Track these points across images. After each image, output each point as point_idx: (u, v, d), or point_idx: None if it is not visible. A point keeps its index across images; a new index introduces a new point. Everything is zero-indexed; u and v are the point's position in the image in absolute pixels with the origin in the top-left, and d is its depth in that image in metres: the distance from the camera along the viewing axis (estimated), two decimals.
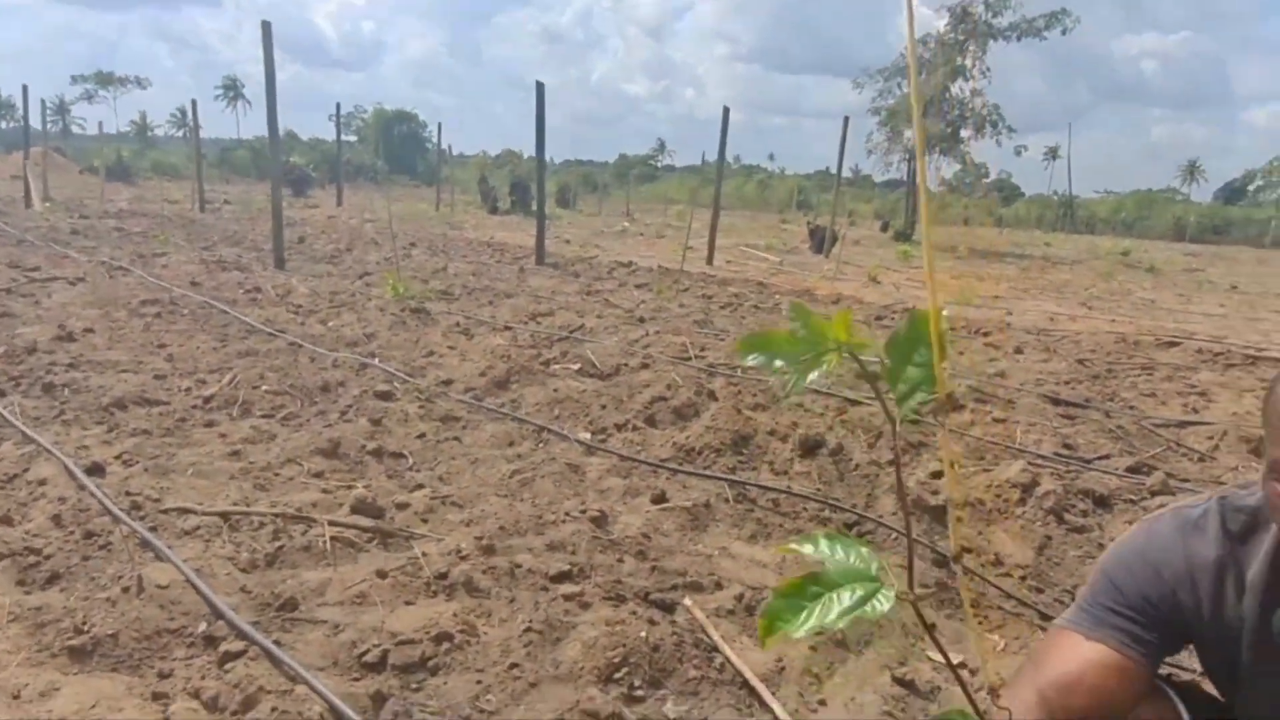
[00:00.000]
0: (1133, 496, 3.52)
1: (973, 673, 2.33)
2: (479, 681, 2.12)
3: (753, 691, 2.15)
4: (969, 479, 3.55)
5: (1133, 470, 3.79)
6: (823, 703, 2.14)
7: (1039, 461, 3.78)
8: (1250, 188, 72.12)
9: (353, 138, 71.31)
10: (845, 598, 0.69)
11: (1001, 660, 2.40)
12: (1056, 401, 4.94)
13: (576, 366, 5.50)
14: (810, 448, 3.84)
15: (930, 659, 2.38)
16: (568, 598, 2.49)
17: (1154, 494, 3.47)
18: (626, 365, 5.50)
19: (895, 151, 20.46)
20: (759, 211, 29.48)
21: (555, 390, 4.85)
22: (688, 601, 2.52)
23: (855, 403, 4.57)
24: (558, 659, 2.20)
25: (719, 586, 2.68)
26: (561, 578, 2.61)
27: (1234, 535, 1.12)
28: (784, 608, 0.70)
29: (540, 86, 11.32)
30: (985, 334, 7.06)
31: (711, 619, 2.45)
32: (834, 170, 14.89)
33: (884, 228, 22.00)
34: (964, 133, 20.30)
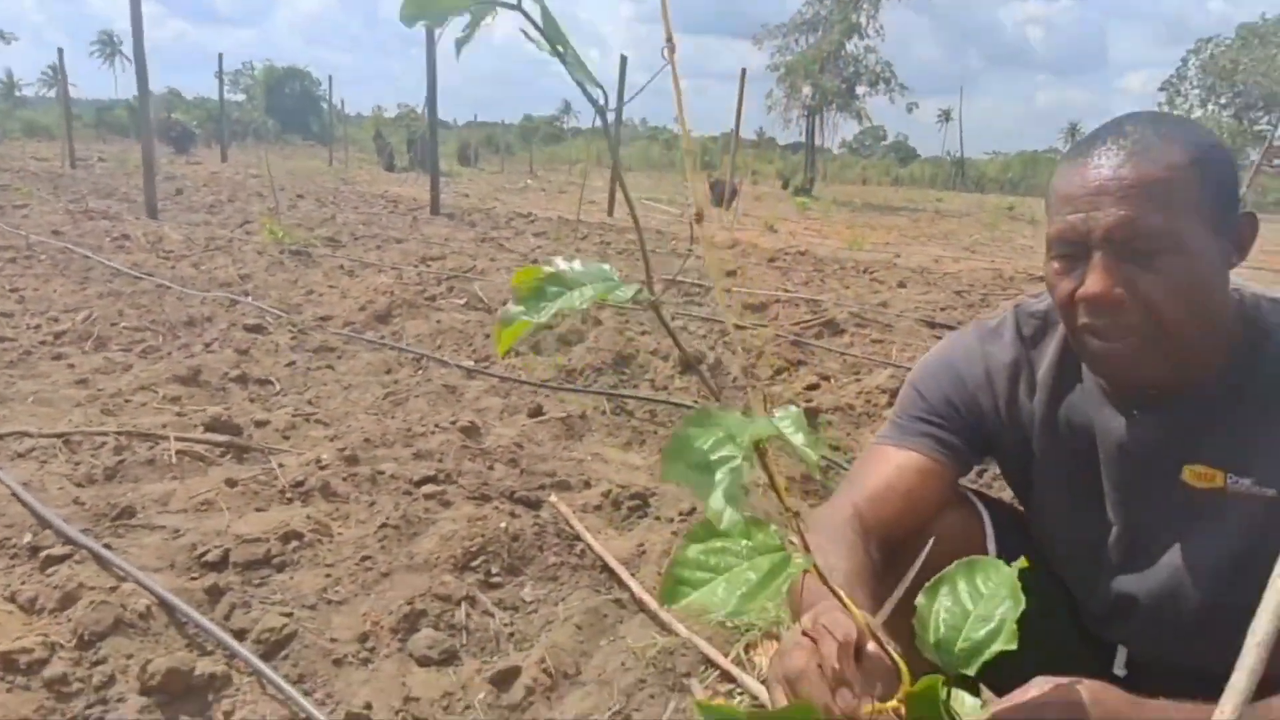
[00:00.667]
0: None
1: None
2: (328, 575, 2.04)
3: (612, 574, 2.14)
4: (842, 388, 3.63)
5: None
6: None
7: (907, 372, 3.89)
8: None
9: (241, 96, 67.74)
10: (588, 291, 0.65)
11: None
12: (932, 324, 5.11)
13: (463, 301, 5.37)
14: (689, 364, 3.84)
15: (793, 542, 2.42)
16: (429, 497, 2.43)
17: None
18: None
19: (794, 108, 20.73)
20: (665, 172, 29.47)
21: (438, 322, 4.73)
22: (554, 498, 2.49)
23: (739, 327, 4.61)
24: (413, 551, 2.14)
25: (587, 485, 2.66)
26: (425, 482, 2.54)
27: (1027, 339, 1.15)
28: (523, 309, 0.65)
29: (430, 33, 10.93)
30: (872, 272, 7.24)
31: (578, 514, 2.43)
32: (741, 132, 14.99)
33: (785, 185, 22.34)
34: (859, 89, 20.67)
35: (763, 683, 1.71)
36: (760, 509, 2.46)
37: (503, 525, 2.23)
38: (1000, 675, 0.71)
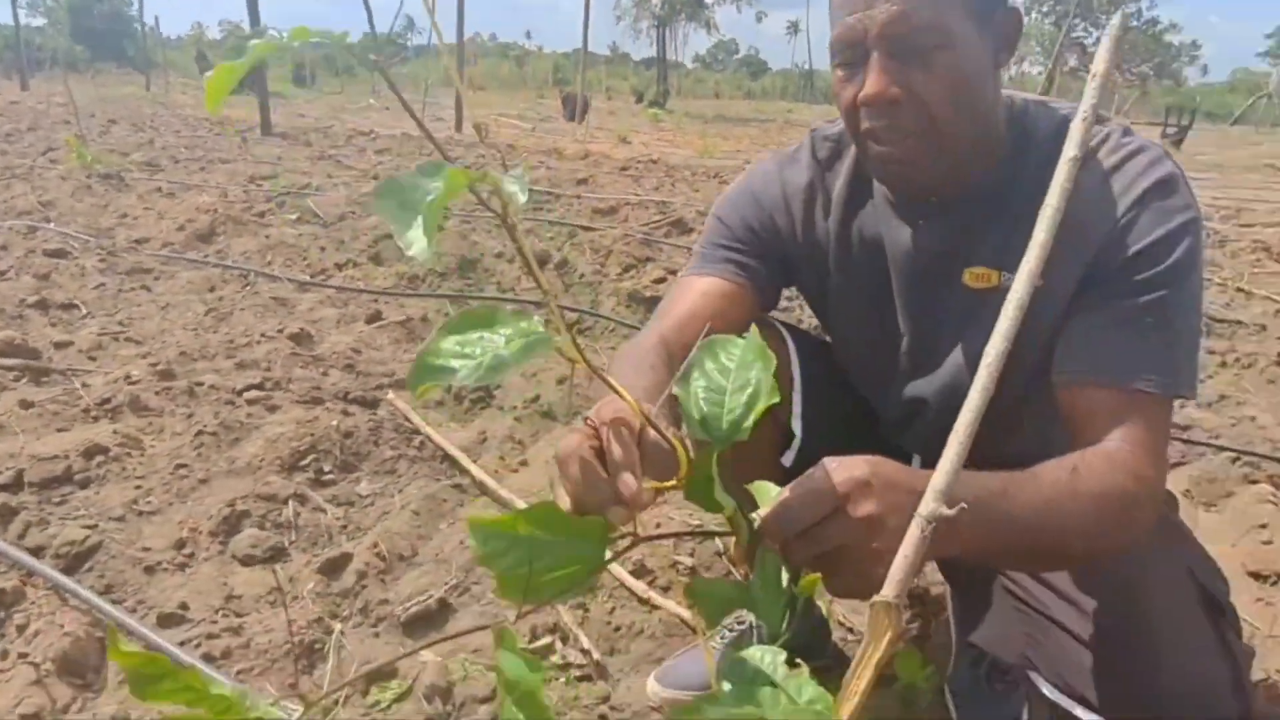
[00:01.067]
0: None
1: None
2: (138, 487, 1.90)
3: (454, 463, 2.09)
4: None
5: None
6: (524, 463, 2.13)
7: None
8: None
9: (41, 20, 60.17)
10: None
11: None
12: None
13: (295, 216, 5.04)
14: (537, 264, 3.77)
15: None
16: (252, 403, 2.29)
17: None
18: (353, 214, 5.11)
19: (644, 18, 20.36)
20: (517, 90, 28.49)
21: (268, 238, 4.42)
22: (390, 395, 2.40)
23: (586, 229, 4.55)
24: (234, 457, 2.02)
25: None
26: (249, 389, 2.39)
27: (822, 161, 1.15)
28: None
29: None
30: (721, 176, 7.30)
31: (418, 411, 2.35)
32: (593, 48, 14.59)
33: (639, 99, 22.10)
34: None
35: None
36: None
37: (334, 424, 2.13)
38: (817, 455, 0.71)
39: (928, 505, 0.57)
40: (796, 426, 1.19)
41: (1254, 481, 2.12)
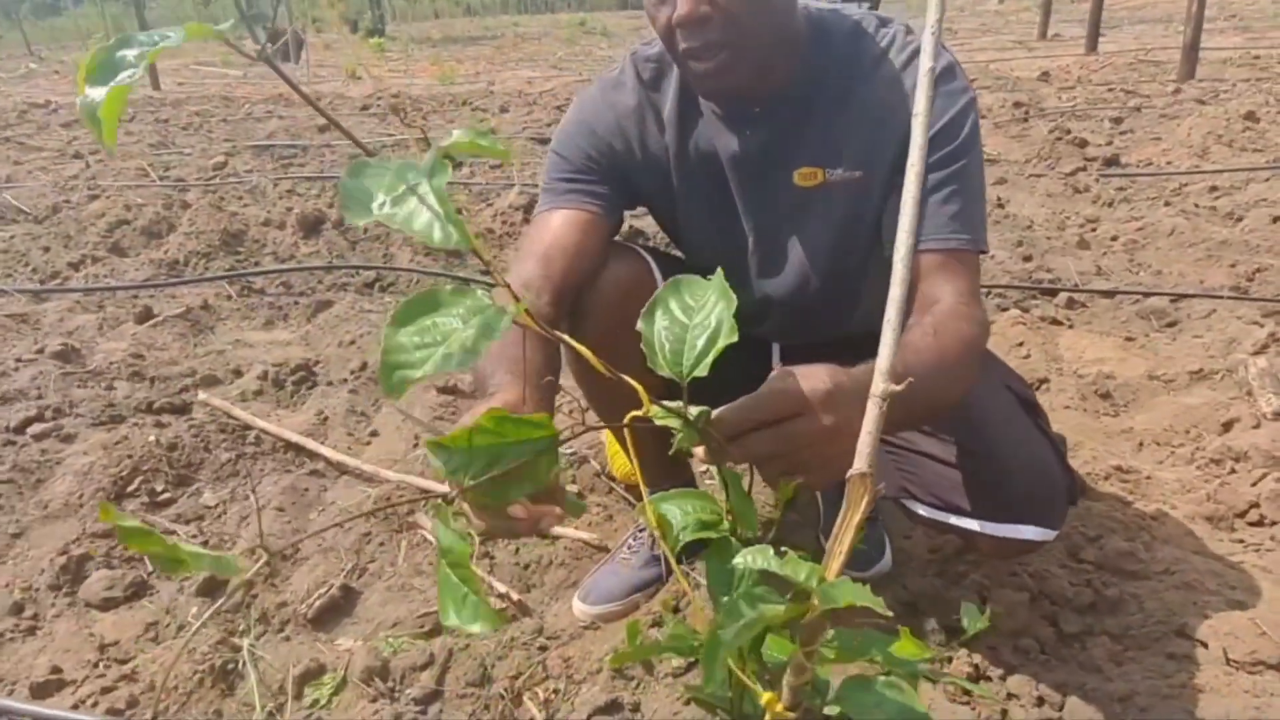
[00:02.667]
0: None
1: None
2: None
3: (300, 450, 2.01)
4: (476, 216, 3.60)
5: None
6: (375, 434, 2.08)
7: (534, 187, 3.96)
8: None
9: None
10: (159, 40, 0.55)
11: None
12: (543, 141, 5.19)
13: None
14: (312, 226, 3.55)
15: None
16: (40, 438, 2.04)
17: None
18: (68, 202, 4.48)
19: None
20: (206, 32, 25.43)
21: None
22: (202, 396, 2.23)
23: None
24: (44, 500, 1.81)
25: (239, 374, 2.41)
26: (28, 423, 2.12)
27: (647, 82, 1.22)
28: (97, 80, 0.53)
29: None
30: (471, 104, 7.09)
31: (237, 404, 2.20)
32: None
33: (354, 29, 20.54)
34: None
35: None
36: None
37: (151, 439, 1.96)
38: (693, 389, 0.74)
39: (878, 385, 0.68)
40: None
41: (1004, 309, 2.51)
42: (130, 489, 1.85)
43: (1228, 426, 1.80)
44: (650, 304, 0.75)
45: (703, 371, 0.73)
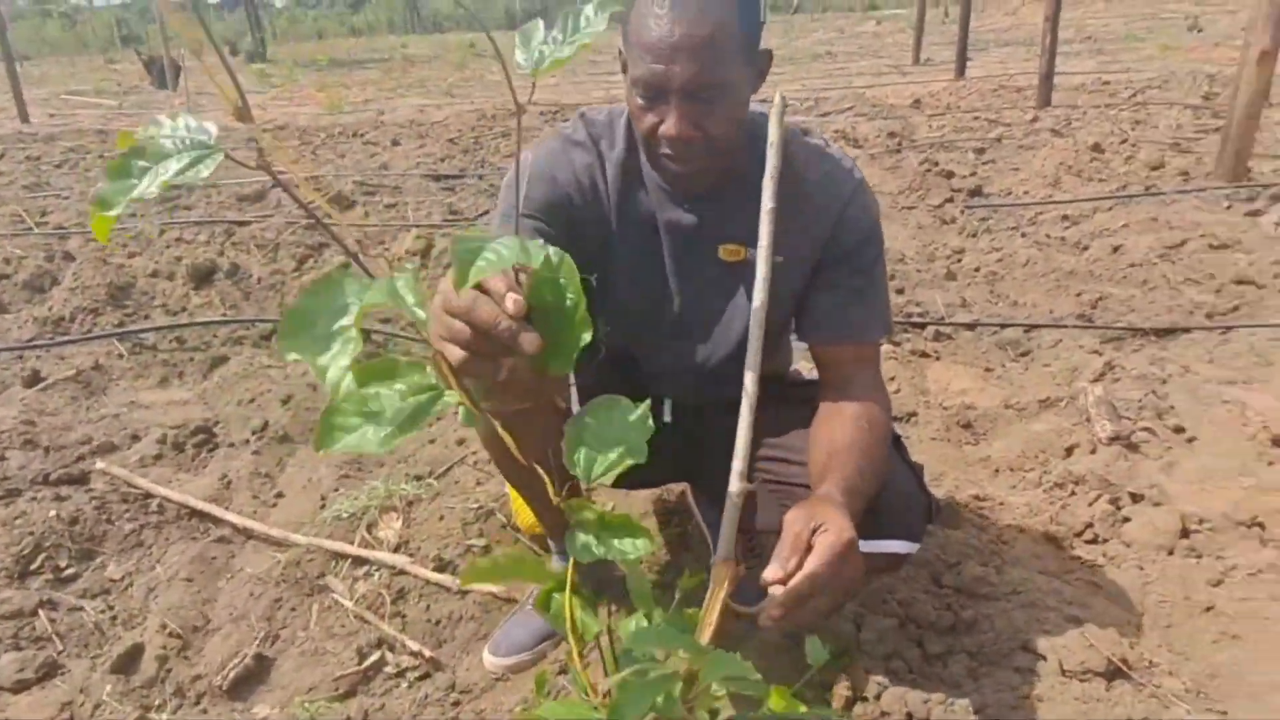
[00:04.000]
0: None
1: None
2: None
3: (205, 516, 2.01)
4: (372, 262, 3.62)
5: None
6: (280, 495, 2.11)
7: (430, 229, 4.01)
8: None
9: None
10: (172, 165, 0.63)
11: None
12: (438, 178, 5.22)
13: None
14: (203, 277, 3.50)
15: None
16: None
17: None
18: None
19: None
20: (76, 55, 24.19)
21: None
22: (100, 465, 2.20)
23: (242, 223, 4.25)
24: None
25: (136, 438, 2.38)
26: None
27: (599, 144, 1.34)
28: (113, 190, 0.61)
29: None
30: (362, 134, 7.03)
31: (137, 471, 2.19)
32: None
33: (233, 51, 19.90)
34: None
35: (395, 550, 1.82)
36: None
37: (52, 513, 1.94)
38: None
39: (734, 486, 0.81)
40: (575, 404, 1.40)
41: None
42: (34, 566, 1.83)
43: (1070, 452, 2.02)
44: (581, 413, 0.83)
45: (607, 481, 0.82)
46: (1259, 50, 4.00)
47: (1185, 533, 1.70)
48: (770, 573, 0.88)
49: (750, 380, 0.85)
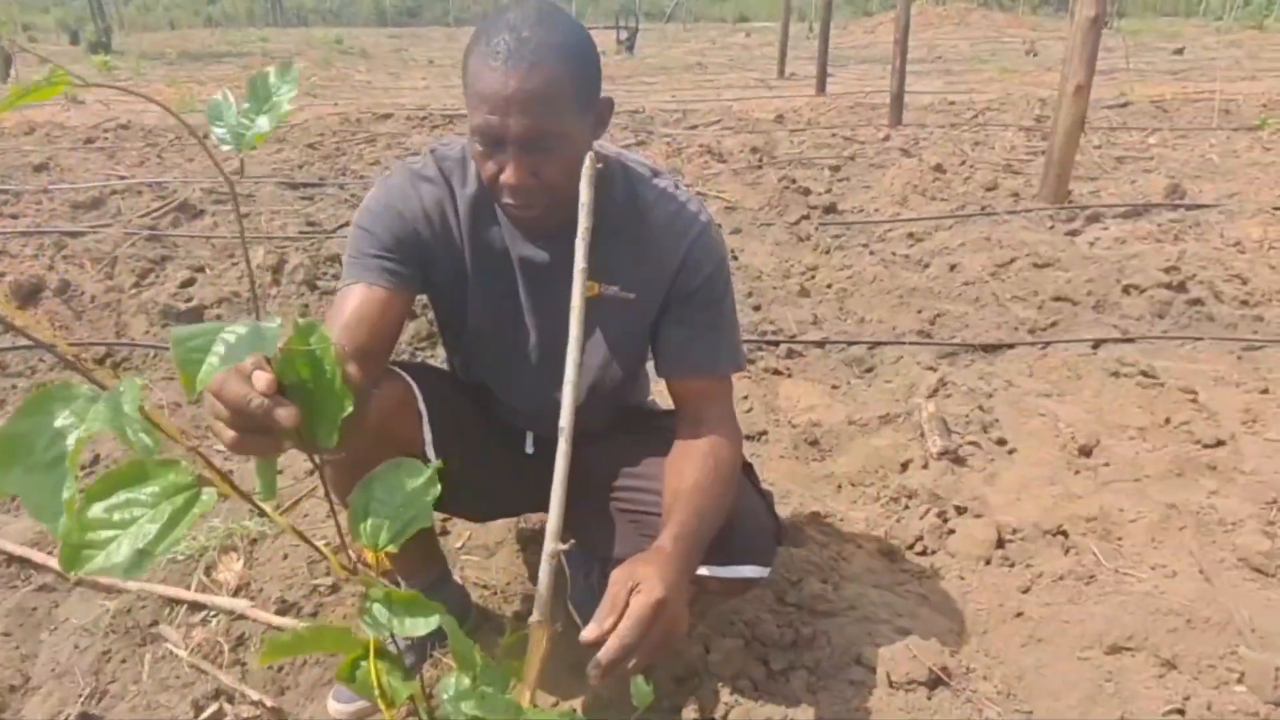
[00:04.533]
0: None
1: None
2: None
3: (24, 563, 1.87)
4: (221, 276, 3.45)
5: None
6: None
7: (285, 242, 3.85)
8: None
9: None
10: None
11: None
12: (295, 185, 5.02)
13: None
14: (29, 294, 3.24)
15: (219, 451, 2.36)
16: None
17: None
18: None
19: None
20: None
21: None
22: None
23: (76, 234, 3.95)
24: None
25: None
26: None
27: (450, 180, 1.33)
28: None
29: None
30: (210, 135, 6.67)
31: None
32: None
33: (74, 40, 18.47)
34: None
35: (234, 595, 1.74)
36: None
37: None
38: (450, 463, 0.87)
39: (549, 546, 0.82)
40: (431, 454, 1.38)
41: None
42: None
43: (905, 466, 2.15)
44: (368, 478, 0.83)
45: (393, 548, 0.81)
46: (1075, 83, 4.38)
47: (1001, 543, 1.85)
48: (588, 633, 0.92)
49: (564, 440, 0.87)
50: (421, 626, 0.76)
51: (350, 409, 0.75)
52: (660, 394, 1.59)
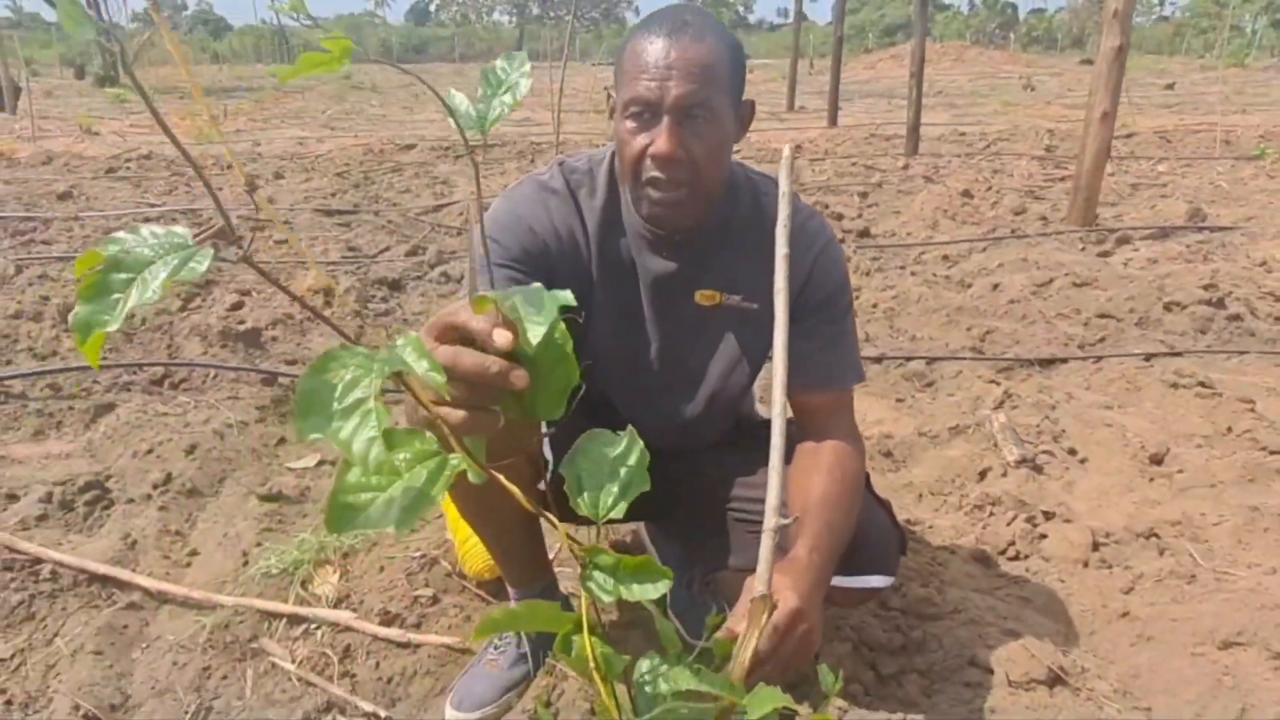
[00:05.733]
0: (417, 275, 3.90)
1: (333, 463, 2.40)
2: None
3: (108, 580, 1.85)
4: (269, 300, 3.46)
5: (411, 254, 4.17)
6: (194, 553, 1.96)
7: (331, 267, 3.87)
8: (432, 7, 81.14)
9: None
10: (160, 270, 0.58)
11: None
12: (330, 213, 5.06)
13: None
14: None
15: (290, 469, 2.36)
16: None
17: (432, 266, 3.89)
18: None
19: None
20: None
21: None
22: None
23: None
24: None
25: (14, 498, 2.16)
26: None
27: (577, 193, 1.35)
28: (94, 309, 0.56)
29: None
30: (233, 166, 6.73)
31: (19, 534, 1.99)
32: None
33: (80, 74, 18.66)
34: None
35: (335, 605, 1.72)
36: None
37: None
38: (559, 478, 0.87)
39: (770, 521, 0.82)
40: (548, 452, 1.38)
41: None
42: None
43: (983, 475, 2.15)
44: (572, 452, 0.83)
45: (618, 514, 0.82)
46: (1101, 111, 4.45)
47: (1095, 546, 1.84)
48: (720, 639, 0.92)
49: (778, 415, 0.87)
50: (651, 591, 0.75)
51: (577, 379, 0.76)
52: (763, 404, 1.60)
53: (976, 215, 4.73)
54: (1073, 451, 2.29)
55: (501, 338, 0.73)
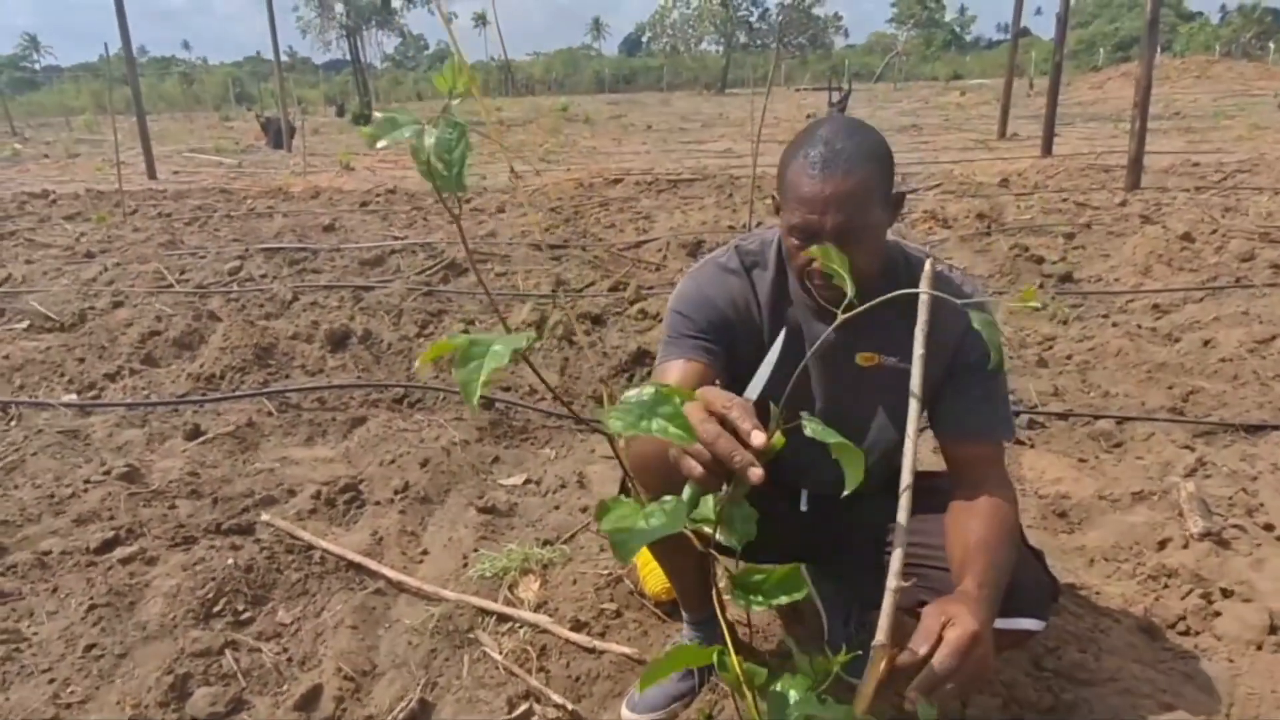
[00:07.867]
0: (617, 310, 4.24)
1: (536, 482, 2.73)
2: (51, 680, 1.89)
3: (360, 569, 2.26)
4: (491, 330, 3.92)
5: (613, 289, 4.53)
6: (425, 553, 2.34)
7: (542, 300, 4.30)
8: (644, 39, 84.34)
9: None
10: (502, 350, 0.83)
11: (556, 464, 2.84)
12: (539, 248, 5.57)
13: (25, 324, 4.59)
14: (338, 341, 3.85)
15: (502, 485, 2.72)
16: (126, 561, 2.28)
17: (631, 303, 4.22)
18: (93, 309, 4.74)
19: (330, 29, 19.53)
20: (191, 111, 26.00)
21: (6, 358, 4.03)
22: (265, 517, 2.48)
23: (367, 289, 4.62)
24: (142, 621, 2.05)
25: (292, 493, 2.66)
26: (109, 546, 2.36)
27: (750, 271, 1.59)
28: (467, 373, 0.82)
29: None
30: (467, 200, 7.48)
31: (296, 523, 2.46)
32: (267, 55, 13.70)
33: (339, 112, 21.20)
34: (395, 2, 20.01)
35: (536, 609, 2.02)
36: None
37: (230, 561, 2.21)
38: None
39: (892, 581, 0.99)
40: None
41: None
42: (216, 610, 2.09)
43: (1163, 545, 2.12)
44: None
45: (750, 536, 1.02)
46: None
47: (1273, 629, 1.79)
48: (903, 659, 1.05)
49: (906, 476, 1.03)
50: (795, 596, 0.95)
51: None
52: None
53: (1196, 261, 4.43)
54: (1269, 527, 2.19)
55: (757, 439, 0.95)
